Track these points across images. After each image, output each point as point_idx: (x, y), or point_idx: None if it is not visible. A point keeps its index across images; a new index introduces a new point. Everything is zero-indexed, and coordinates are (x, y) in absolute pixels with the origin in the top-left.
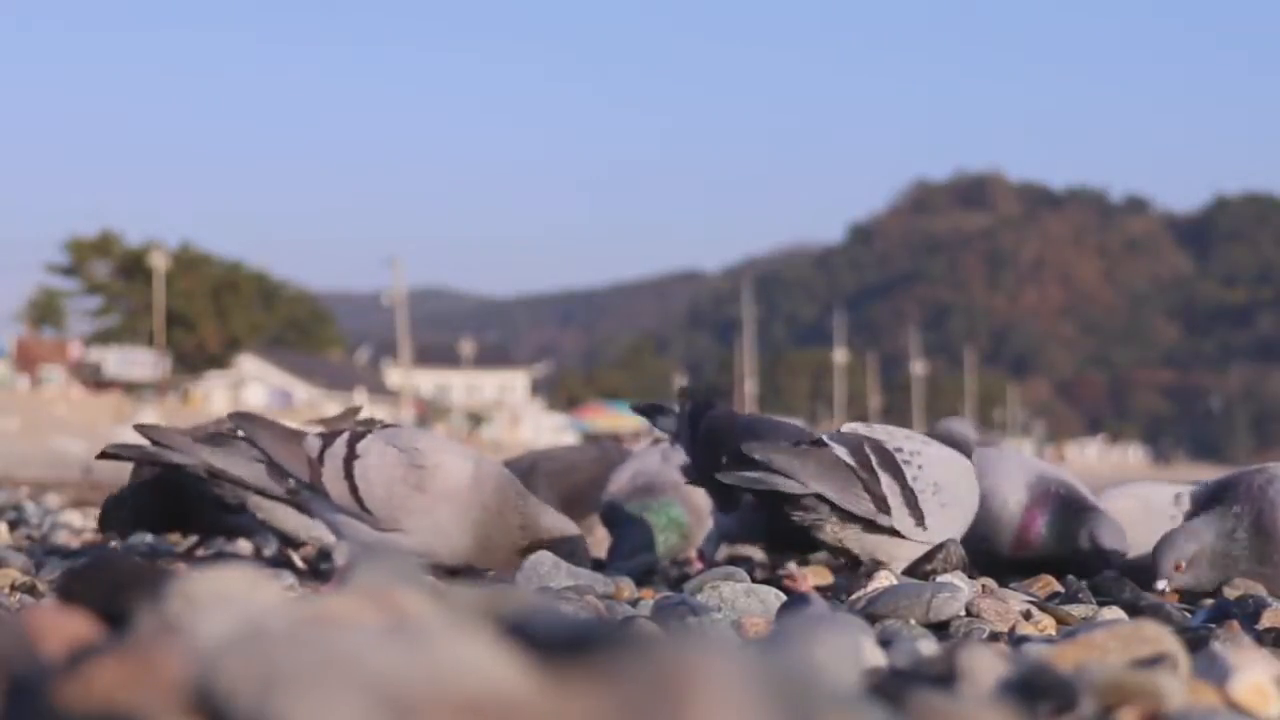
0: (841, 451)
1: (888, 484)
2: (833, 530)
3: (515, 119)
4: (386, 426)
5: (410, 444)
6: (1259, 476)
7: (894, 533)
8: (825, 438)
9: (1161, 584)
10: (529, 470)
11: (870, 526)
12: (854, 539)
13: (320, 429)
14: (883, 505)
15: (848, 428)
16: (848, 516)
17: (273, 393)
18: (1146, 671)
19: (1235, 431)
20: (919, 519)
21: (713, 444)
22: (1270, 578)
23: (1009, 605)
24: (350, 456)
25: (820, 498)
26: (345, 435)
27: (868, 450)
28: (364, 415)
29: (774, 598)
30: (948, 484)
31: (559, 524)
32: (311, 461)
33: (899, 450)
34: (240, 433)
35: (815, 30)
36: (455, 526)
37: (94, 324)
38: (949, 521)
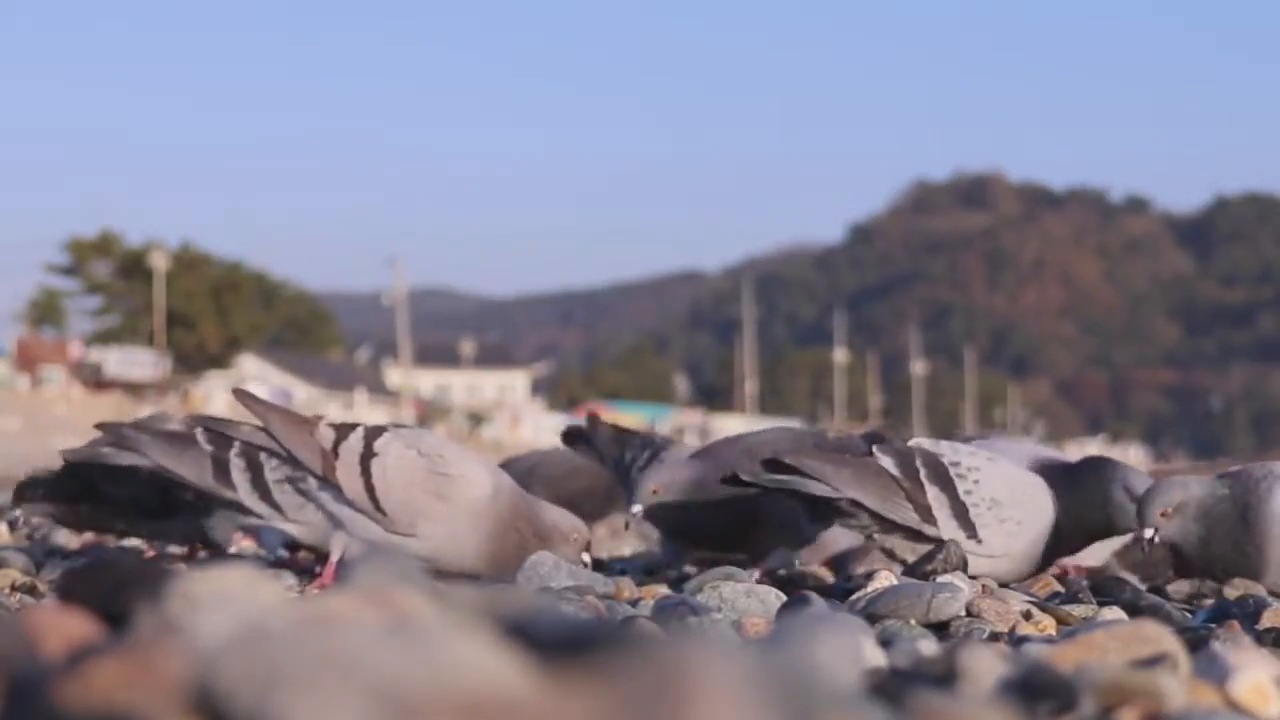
0: (887, 462)
1: (934, 495)
2: (880, 539)
3: (515, 119)
4: (399, 426)
5: (433, 449)
6: (1260, 469)
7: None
8: (875, 449)
9: (1148, 531)
10: (528, 472)
11: (916, 536)
12: (905, 548)
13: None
14: (927, 515)
15: (913, 442)
16: (890, 525)
17: (273, 393)
18: (1146, 671)
19: (1235, 431)
20: (970, 532)
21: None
22: (1242, 565)
23: (1009, 605)
24: (368, 454)
25: (857, 504)
26: (361, 430)
27: (917, 462)
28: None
29: (774, 598)
30: (1009, 500)
31: (562, 519)
32: (325, 453)
33: (955, 465)
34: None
35: (815, 30)
36: (472, 537)
37: (94, 324)
38: (1009, 537)
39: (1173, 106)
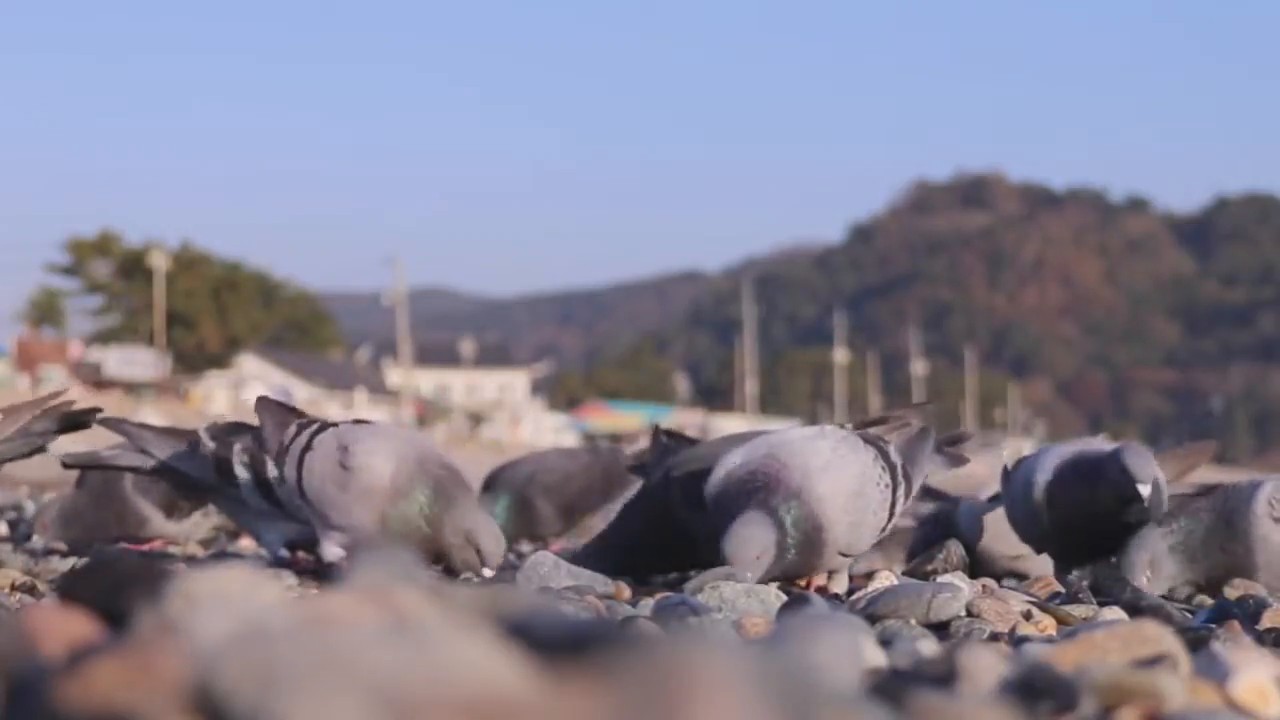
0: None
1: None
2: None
3: (516, 119)
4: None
5: (346, 442)
6: (1248, 483)
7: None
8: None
9: (1142, 581)
10: (528, 479)
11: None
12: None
13: None
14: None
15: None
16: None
17: (273, 393)
18: (1147, 671)
19: (1235, 431)
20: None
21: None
22: (1235, 569)
23: (1009, 605)
24: (306, 448)
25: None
26: (311, 427)
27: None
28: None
29: (774, 598)
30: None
31: (471, 538)
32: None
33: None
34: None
35: (816, 30)
36: (370, 526)
37: (94, 324)
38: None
39: (1173, 106)
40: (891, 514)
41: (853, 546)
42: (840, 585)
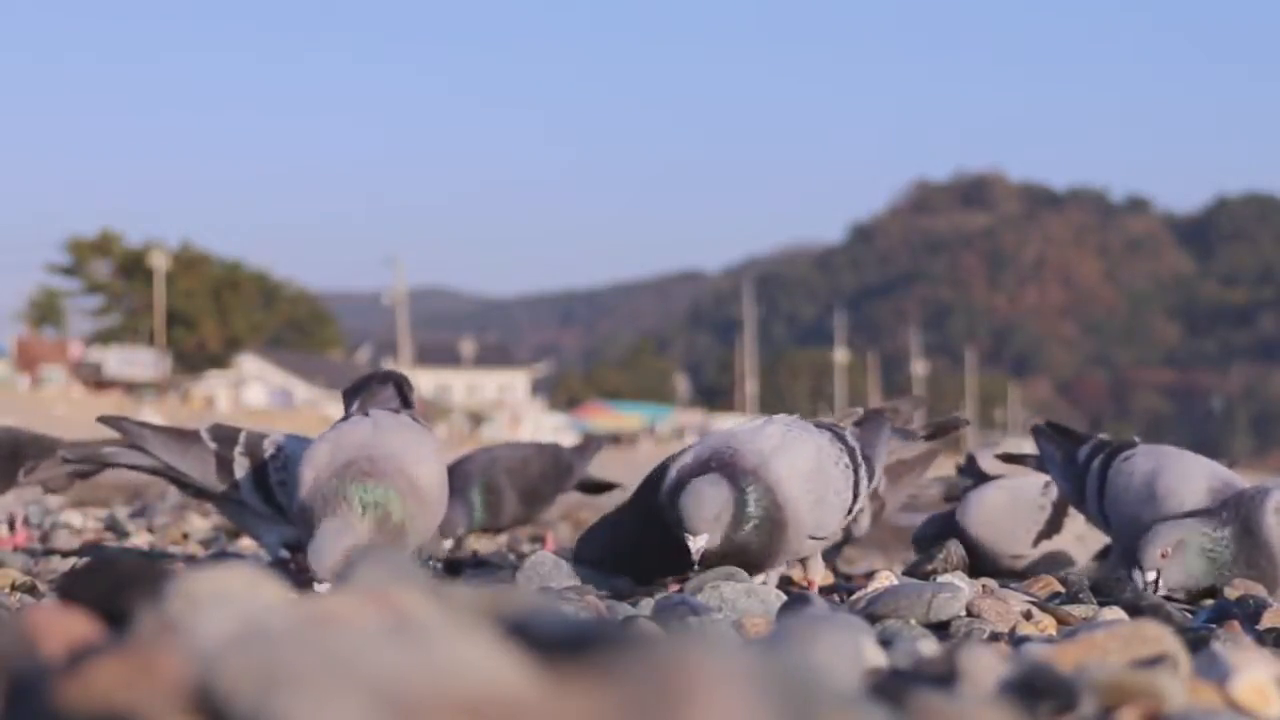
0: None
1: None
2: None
3: (516, 119)
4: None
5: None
6: (1255, 490)
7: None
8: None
9: (1150, 574)
10: (491, 463)
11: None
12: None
13: None
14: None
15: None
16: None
17: (273, 393)
18: (1147, 671)
19: (1236, 431)
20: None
21: None
22: (1257, 580)
23: (1009, 605)
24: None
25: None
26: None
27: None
28: None
29: (774, 598)
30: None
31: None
32: None
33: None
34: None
35: (815, 30)
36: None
37: (94, 324)
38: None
39: (1173, 106)
40: (855, 494)
41: (820, 527)
42: (817, 573)
